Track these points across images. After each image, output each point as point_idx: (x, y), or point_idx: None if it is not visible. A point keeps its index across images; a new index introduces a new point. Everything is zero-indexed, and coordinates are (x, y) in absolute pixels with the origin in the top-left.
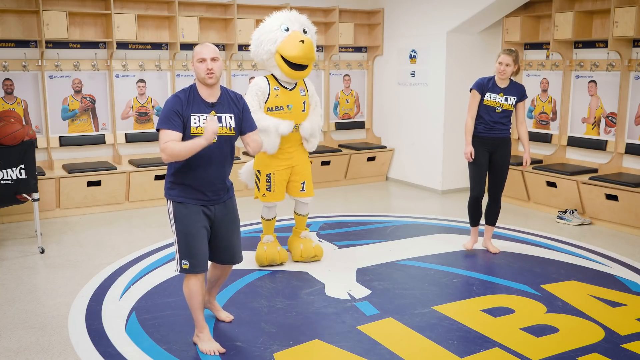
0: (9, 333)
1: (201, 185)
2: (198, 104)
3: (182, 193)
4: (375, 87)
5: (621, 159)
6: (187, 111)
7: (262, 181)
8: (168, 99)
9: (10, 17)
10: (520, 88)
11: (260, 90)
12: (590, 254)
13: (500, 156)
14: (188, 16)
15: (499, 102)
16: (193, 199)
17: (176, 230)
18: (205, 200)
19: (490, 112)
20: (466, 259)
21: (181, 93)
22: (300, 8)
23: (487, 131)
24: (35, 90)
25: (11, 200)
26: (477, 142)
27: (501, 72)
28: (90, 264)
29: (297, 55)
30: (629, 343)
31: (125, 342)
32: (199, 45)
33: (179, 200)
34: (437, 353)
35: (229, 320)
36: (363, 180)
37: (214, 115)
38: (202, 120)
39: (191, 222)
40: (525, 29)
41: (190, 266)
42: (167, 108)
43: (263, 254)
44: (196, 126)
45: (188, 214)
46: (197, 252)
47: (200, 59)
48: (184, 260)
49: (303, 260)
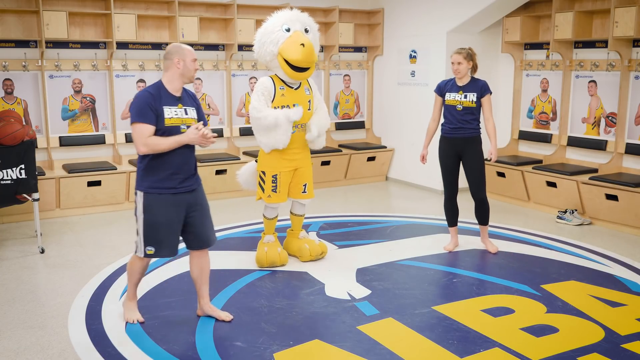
0: (9, 333)
1: (173, 173)
2: (167, 98)
3: (155, 184)
4: (375, 87)
5: (621, 159)
6: (159, 105)
7: (268, 182)
8: (137, 94)
9: (10, 17)
10: (480, 83)
11: (266, 90)
12: (590, 254)
13: (471, 156)
14: (188, 16)
15: (458, 100)
16: (166, 189)
17: (143, 220)
18: (176, 189)
19: (452, 112)
20: (466, 259)
21: (150, 88)
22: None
23: (453, 131)
24: (35, 90)
25: (11, 200)
26: (444, 144)
27: (455, 70)
28: (90, 264)
29: (297, 59)
30: (629, 343)
31: (125, 342)
32: (183, 45)
33: (150, 192)
34: (437, 353)
35: (229, 319)
36: (363, 180)
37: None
38: (173, 112)
39: (161, 212)
40: (525, 29)
41: (155, 252)
42: (140, 103)
43: (263, 256)
44: (169, 117)
45: (158, 205)
46: (163, 240)
47: (194, 59)
48: (148, 247)
49: (313, 259)
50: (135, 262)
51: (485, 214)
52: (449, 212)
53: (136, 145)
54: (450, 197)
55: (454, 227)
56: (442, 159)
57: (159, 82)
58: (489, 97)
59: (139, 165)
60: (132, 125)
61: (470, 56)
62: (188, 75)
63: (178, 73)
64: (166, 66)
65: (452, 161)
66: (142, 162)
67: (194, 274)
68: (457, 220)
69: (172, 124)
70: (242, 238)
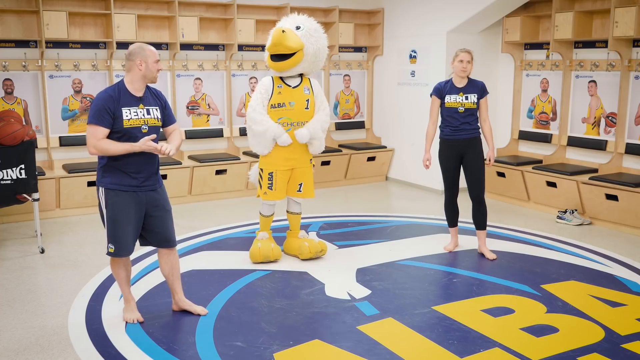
0: (9, 333)
1: (133, 171)
2: (127, 99)
3: (115, 180)
4: (375, 87)
5: (621, 159)
6: (117, 107)
7: (264, 179)
8: (98, 94)
9: (10, 17)
10: (479, 84)
11: (264, 88)
12: (590, 254)
13: (471, 157)
14: (188, 16)
15: (460, 102)
16: (126, 186)
17: (106, 217)
18: (136, 187)
19: (454, 114)
20: (466, 259)
21: (110, 90)
22: (300, 8)
23: (454, 134)
24: (35, 90)
25: (11, 200)
26: (446, 146)
27: (463, 69)
28: (90, 264)
29: (270, 45)
30: (629, 343)
31: (125, 342)
32: (145, 45)
33: (110, 187)
34: (437, 353)
35: (204, 313)
36: (363, 180)
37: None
38: (133, 113)
39: (120, 208)
40: (525, 29)
41: (115, 250)
42: (99, 105)
43: (257, 251)
44: (128, 119)
45: (118, 201)
46: (122, 237)
47: (157, 60)
48: (110, 244)
49: (312, 256)
50: (112, 264)
51: (484, 217)
52: (450, 212)
53: (87, 146)
54: (451, 198)
55: (454, 227)
56: (443, 161)
57: (120, 82)
58: (486, 98)
59: (99, 161)
60: (87, 125)
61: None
62: (150, 77)
63: (140, 74)
64: (128, 67)
65: (454, 163)
66: (103, 157)
67: (164, 271)
68: (458, 220)
69: (131, 125)
70: (242, 238)
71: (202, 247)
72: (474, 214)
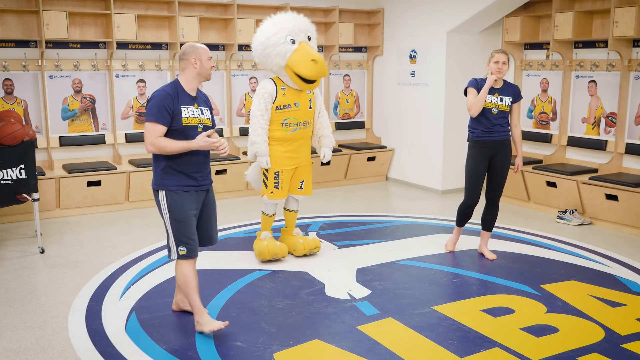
0: (9, 333)
1: (194, 171)
2: (184, 97)
3: (176, 182)
4: (375, 87)
5: (621, 159)
6: (176, 105)
7: (270, 179)
8: (156, 93)
9: (10, 17)
10: (515, 88)
11: (267, 94)
12: (590, 254)
13: (500, 159)
14: (188, 16)
15: (494, 103)
16: (186, 186)
17: (170, 219)
18: (196, 187)
19: (487, 114)
20: (466, 259)
21: (169, 88)
22: (300, 8)
23: (486, 135)
24: (35, 90)
25: (11, 200)
26: (475, 149)
27: (498, 70)
28: (90, 264)
29: (310, 75)
30: (629, 343)
31: (125, 342)
32: (197, 44)
33: (173, 189)
34: (437, 353)
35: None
36: (363, 180)
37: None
38: (190, 112)
39: (184, 209)
40: (525, 29)
41: (187, 251)
42: (158, 102)
43: (265, 249)
44: (187, 117)
45: (182, 203)
46: (191, 237)
47: (210, 57)
48: (180, 247)
49: (307, 253)
50: (182, 268)
51: (494, 219)
52: (462, 214)
53: (145, 143)
54: (471, 205)
55: (460, 227)
56: (471, 164)
57: (176, 81)
58: (520, 103)
59: (157, 164)
60: (145, 123)
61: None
62: (205, 74)
63: (195, 73)
64: (182, 66)
65: (483, 166)
66: (162, 160)
67: None
68: (466, 224)
69: (189, 124)
70: (242, 238)
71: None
72: (484, 214)
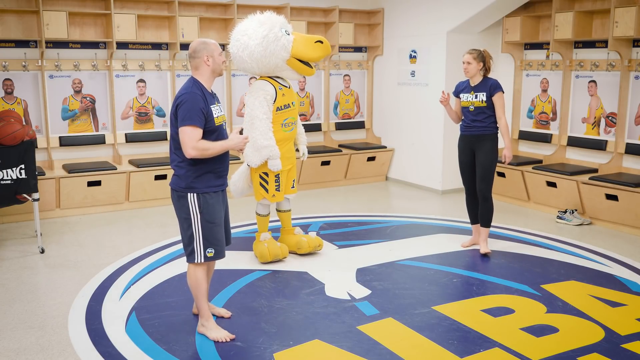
0: (9, 333)
1: (222, 170)
2: (209, 97)
3: (207, 183)
4: (375, 87)
5: (621, 159)
6: (207, 105)
7: (272, 182)
8: (186, 96)
9: (10, 17)
10: (490, 82)
11: (269, 95)
12: (590, 254)
13: (480, 153)
14: (188, 16)
15: (470, 101)
16: (217, 187)
17: (201, 221)
18: (223, 186)
19: (466, 112)
20: (466, 259)
21: (196, 89)
22: (300, 8)
23: (466, 129)
24: (35, 90)
25: (11, 200)
26: (461, 141)
27: (464, 70)
28: (90, 264)
29: (320, 55)
30: (629, 343)
31: (125, 342)
32: (207, 40)
33: (204, 192)
34: (437, 353)
35: (227, 316)
36: (363, 180)
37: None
38: (218, 110)
39: (216, 211)
40: (525, 29)
41: (215, 253)
42: (192, 105)
43: (266, 251)
44: (217, 116)
45: (213, 204)
46: (220, 239)
47: (221, 52)
48: (208, 249)
49: (311, 250)
50: (196, 272)
51: (487, 214)
52: (470, 208)
53: (185, 148)
54: (470, 193)
55: (475, 224)
56: (459, 156)
57: (195, 80)
58: (499, 95)
59: (182, 165)
60: (181, 128)
61: (482, 57)
62: (218, 70)
63: (209, 70)
64: (195, 65)
65: (468, 157)
66: (188, 162)
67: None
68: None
69: (220, 122)
70: (242, 238)
71: None
72: (479, 209)
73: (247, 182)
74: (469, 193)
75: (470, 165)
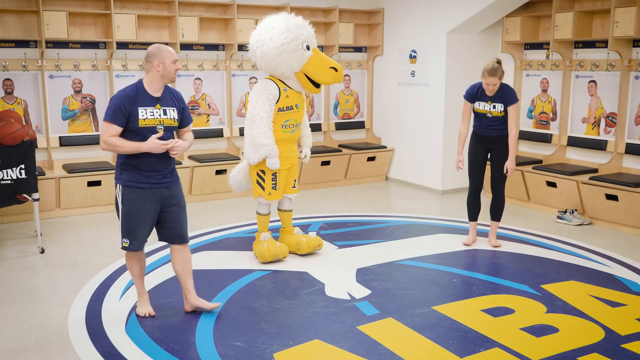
0: (9, 333)
1: (149, 170)
2: (145, 99)
3: (131, 178)
4: (375, 87)
5: (621, 159)
6: (134, 106)
7: (268, 180)
8: (117, 93)
9: (10, 17)
10: (506, 94)
11: (271, 94)
12: (590, 254)
13: (497, 154)
14: (188, 16)
15: (487, 110)
16: (142, 183)
17: (121, 212)
18: (153, 184)
19: (482, 118)
20: (466, 259)
21: (129, 89)
22: (300, 8)
23: (482, 130)
24: (35, 90)
25: (11, 200)
26: (475, 139)
27: (490, 91)
28: (90, 264)
29: (329, 82)
30: (629, 343)
31: (125, 342)
32: (163, 46)
33: (127, 185)
34: (437, 353)
35: (216, 306)
36: (363, 180)
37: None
38: (149, 113)
39: (135, 205)
40: (525, 29)
41: (129, 244)
42: (115, 104)
43: (265, 251)
44: (143, 118)
45: (134, 198)
46: (137, 232)
47: (175, 60)
48: (124, 239)
49: (311, 250)
50: (126, 258)
51: (499, 209)
52: (472, 206)
53: (100, 141)
54: (474, 191)
55: (474, 222)
56: (471, 152)
57: (139, 82)
58: (514, 106)
59: (118, 159)
60: (103, 121)
61: (503, 73)
62: (168, 77)
63: (158, 75)
64: (147, 68)
65: (481, 155)
66: (120, 157)
67: (177, 269)
68: (478, 215)
69: (146, 125)
70: (242, 238)
71: (202, 247)
72: (491, 204)
73: (246, 177)
74: (472, 190)
75: (481, 164)
